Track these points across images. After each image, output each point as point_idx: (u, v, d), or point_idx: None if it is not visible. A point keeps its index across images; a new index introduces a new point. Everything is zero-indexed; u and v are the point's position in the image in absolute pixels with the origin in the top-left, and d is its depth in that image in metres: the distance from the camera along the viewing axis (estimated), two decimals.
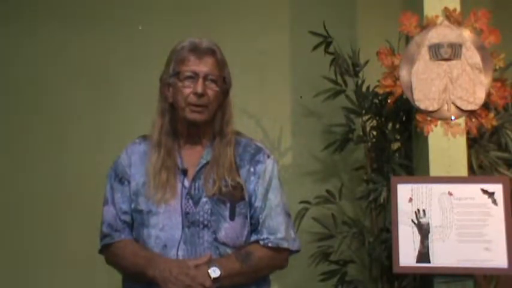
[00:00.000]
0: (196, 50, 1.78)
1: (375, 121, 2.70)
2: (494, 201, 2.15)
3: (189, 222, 1.75)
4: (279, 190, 1.86)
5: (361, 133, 2.73)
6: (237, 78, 1.94)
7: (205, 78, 1.77)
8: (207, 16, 3.06)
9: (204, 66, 1.78)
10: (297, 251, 1.87)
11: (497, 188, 2.16)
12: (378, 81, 2.45)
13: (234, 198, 1.79)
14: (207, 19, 3.05)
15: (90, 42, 3.09)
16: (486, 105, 2.28)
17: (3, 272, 2.96)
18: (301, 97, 3.04)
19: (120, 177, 1.84)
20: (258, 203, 1.82)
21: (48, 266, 2.96)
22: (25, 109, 3.09)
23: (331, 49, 2.74)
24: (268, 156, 1.88)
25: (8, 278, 2.95)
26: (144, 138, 1.89)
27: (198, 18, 3.05)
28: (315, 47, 2.75)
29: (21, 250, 2.99)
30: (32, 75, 3.10)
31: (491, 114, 2.27)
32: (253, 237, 1.81)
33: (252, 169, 1.83)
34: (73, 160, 3.02)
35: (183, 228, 1.74)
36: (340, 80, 2.74)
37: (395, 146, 2.64)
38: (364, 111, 2.68)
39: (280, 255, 1.83)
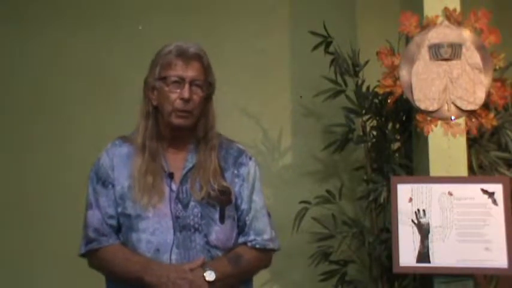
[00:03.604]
0: (183, 55, 1.78)
1: (375, 121, 2.70)
2: (494, 201, 2.15)
3: (180, 226, 1.75)
4: (261, 191, 1.89)
5: (361, 133, 2.73)
6: (237, 78, 1.95)
7: (191, 83, 1.77)
8: (207, 16, 3.06)
9: (190, 72, 1.77)
10: (278, 250, 1.90)
11: (497, 188, 2.16)
12: (378, 81, 2.45)
13: (223, 201, 1.79)
14: (207, 19, 3.05)
15: (90, 42, 3.09)
16: (486, 105, 2.28)
17: (5, 272, 2.97)
18: (301, 97, 3.04)
19: (103, 180, 1.81)
20: (244, 206, 1.83)
21: (50, 265, 2.97)
22: (25, 109, 3.09)
23: (331, 49, 2.74)
24: (250, 158, 1.89)
25: (10, 278, 2.95)
26: (124, 139, 1.87)
27: (198, 18, 3.05)
28: (315, 47, 2.75)
29: (22, 250, 3.00)
30: (32, 75, 3.10)
31: (491, 114, 2.27)
32: (241, 239, 1.83)
33: (235, 172, 1.84)
34: (73, 160, 3.02)
35: (174, 232, 1.74)
36: (340, 80, 2.74)
37: (396, 146, 2.65)
38: (364, 111, 2.68)
39: (266, 256, 1.86)
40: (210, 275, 1.69)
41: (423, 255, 2.15)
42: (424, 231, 2.17)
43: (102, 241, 1.78)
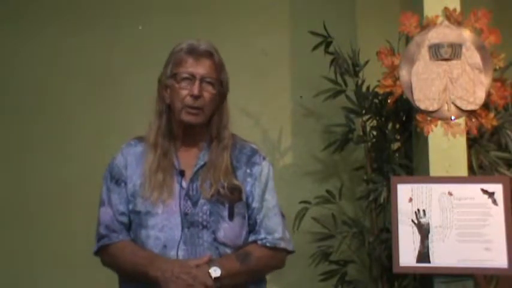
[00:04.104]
0: (194, 52, 1.79)
1: (375, 121, 2.70)
2: (494, 201, 2.15)
3: (189, 222, 1.76)
4: (274, 191, 1.89)
5: (361, 133, 2.73)
6: (237, 78, 1.94)
7: (201, 80, 1.78)
8: (207, 16, 3.07)
9: (201, 69, 1.78)
10: (293, 252, 1.89)
11: (497, 188, 2.16)
12: (378, 81, 2.45)
13: (232, 199, 1.80)
14: (207, 19, 3.05)
15: (90, 42, 3.09)
16: (486, 105, 2.28)
17: (5, 272, 2.97)
18: (301, 97, 3.04)
19: (117, 179, 1.84)
20: (255, 204, 1.84)
21: (50, 265, 2.97)
22: (25, 109, 3.09)
23: (331, 49, 2.74)
24: (264, 158, 1.90)
25: (10, 278, 2.95)
26: (140, 139, 1.89)
27: (198, 18, 3.05)
28: (315, 47, 2.75)
29: (22, 250, 3.00)
30: (32, 75, 3.10)
31: (491, 114, 2.27)
32: (252, 238, 1.83)
33: (248, 170, 1.85)
34: (74, 160, 3.02)
35: (182, 228, 1.75)
36: (340, 80, 2.74)
37: (395, 146, 2.64)
38: (364, 111, 2.68)
39: (278, 255, 1.86)
40: (215, 271, 1.69)
41: (423, 255, 2.15)
42: (424, 231, 2.17)
43: (112, 237, 1.81)
